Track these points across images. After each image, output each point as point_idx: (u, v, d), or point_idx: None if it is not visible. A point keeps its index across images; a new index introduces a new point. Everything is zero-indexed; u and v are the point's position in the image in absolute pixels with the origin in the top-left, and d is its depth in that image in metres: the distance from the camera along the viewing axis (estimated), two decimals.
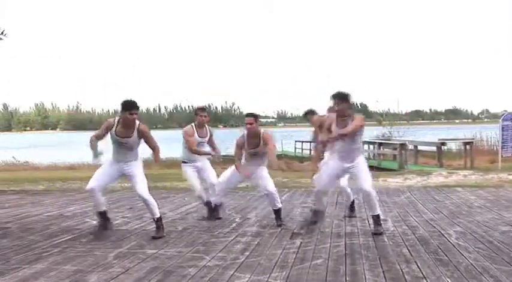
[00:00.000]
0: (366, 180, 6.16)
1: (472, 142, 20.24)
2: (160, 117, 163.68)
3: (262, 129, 6.78)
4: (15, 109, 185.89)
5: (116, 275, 4.62)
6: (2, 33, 13.17)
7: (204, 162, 7.45)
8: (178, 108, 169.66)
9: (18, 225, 7.32)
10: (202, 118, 7.35)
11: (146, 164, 6.72)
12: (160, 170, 16.31)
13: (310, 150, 32.80)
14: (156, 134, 6.54)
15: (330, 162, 6.46)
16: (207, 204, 7.40)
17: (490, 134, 23.64)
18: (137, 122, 6.14)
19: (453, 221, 6.96)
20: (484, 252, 5.20)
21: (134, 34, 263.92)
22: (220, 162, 7.79)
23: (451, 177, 13.36)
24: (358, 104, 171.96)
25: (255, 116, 6.72)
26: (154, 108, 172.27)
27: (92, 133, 6.40)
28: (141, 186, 6.25)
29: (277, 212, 6.93)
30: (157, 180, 12.95)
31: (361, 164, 6.22)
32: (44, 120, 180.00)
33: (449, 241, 5.75)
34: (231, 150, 7.26)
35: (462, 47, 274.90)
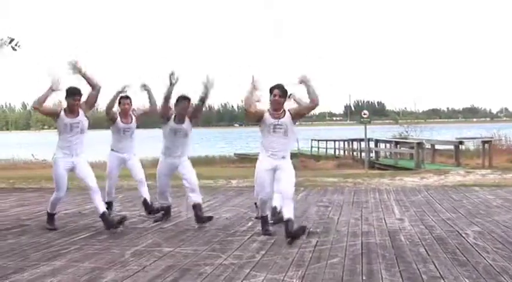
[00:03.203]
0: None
1: (491, 141, 20.03)
2: None
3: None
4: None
5: (133, 272, 4.65)
6: (16, 44, 13.44)
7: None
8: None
9: (36, 223, 7.40)
10: (125, 106, 7.45)
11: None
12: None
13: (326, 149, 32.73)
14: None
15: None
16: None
17: (508, 132, 23.39)
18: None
19: (471, 221, 6.89)
20: (503, 252, 5.14)
21: (161, 34, 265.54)
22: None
23: (468, 177, 13.22)
24: (376, 103, 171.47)
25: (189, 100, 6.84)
26: None
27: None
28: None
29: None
30: (173, 179, 12.99)
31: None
32: None
33: (467, 241, 5.69)
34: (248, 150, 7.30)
35: (481, 44, 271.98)
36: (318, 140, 35.44)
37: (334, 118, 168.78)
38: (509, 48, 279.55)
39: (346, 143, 32.24)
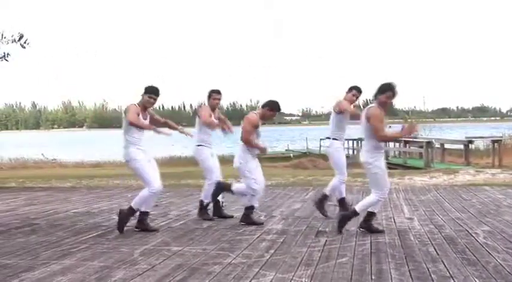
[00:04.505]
0: None
1: (501, 140, 19.91)
2: (185, 114, 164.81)
3: None
4: (43, 107, 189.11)
5: (142, 271, 4.67)
6: (25, 42, 13.52)
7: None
8: (203, 105, 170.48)
9: (46, 222, 7.45)
10: (216, 101, 7.38)
11: (171, 161, 6.81)
12: (184, 167, 16.43)
13: None
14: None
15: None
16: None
17: None
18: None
19: (481, 220, 6.85)
20: None
21: (161, 34, 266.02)
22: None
23: (478, 176, 13.14)
24: None
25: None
26: (179, 106, 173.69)
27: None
28: None
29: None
30: (182, 177, 13.04)
31: None
32: (71, 118, 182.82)
33: (477, 240, 5.66)
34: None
35: (491, 43, 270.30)
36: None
37: None
38: (490, 48, 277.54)
39: (355, 142, 32.16)
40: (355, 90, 7.33)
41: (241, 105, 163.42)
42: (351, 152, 31.97)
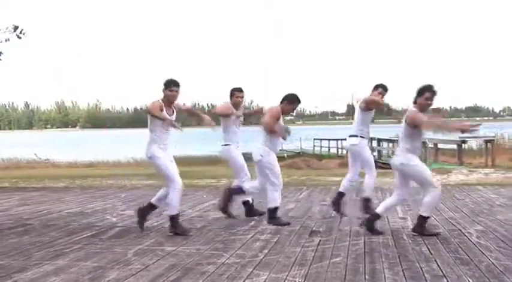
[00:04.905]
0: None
1: (493, 140, 19.99)
2: (178, 114, 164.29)
3: None
4: (36, 107, 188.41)
5: (136, 271, 4.66)
6: (21, 32, 13.38)
7: None
8: (197, 106, 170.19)
9: (39, 222, 7.42)
10: (239, 99, 7.31)
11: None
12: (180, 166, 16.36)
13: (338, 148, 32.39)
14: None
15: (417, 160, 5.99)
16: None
17: (511, 131, 23.32)
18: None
19: (474, 220, 6.88)
20: (506, 251, 5.13)
21: (161, 34, 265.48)
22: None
23: (471, 176, 13.20)
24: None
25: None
26: None
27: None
28: None
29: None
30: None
31: None
32: (64, 118, 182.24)
33: (469, 240, 5.68)
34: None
35: (484, 43, 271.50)
36: (321, 139, 35.41)
37: (337, 117, 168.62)
38: (487, 48, 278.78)
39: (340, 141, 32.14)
40: (381, 88, 7.18)
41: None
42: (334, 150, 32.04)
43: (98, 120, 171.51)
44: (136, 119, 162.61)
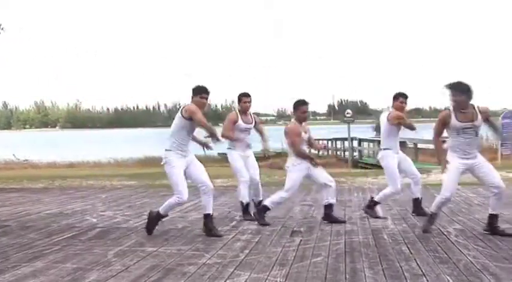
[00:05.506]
0: (496, 174, 5.94)
1: None
2: (160, 115, 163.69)
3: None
4: (15, 107, 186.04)
5: (116, 272, 4.62)
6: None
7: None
8: (178, 106, 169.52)
9: (18, 223, 7.32)
10: (246, 104, 7.28)
11: (146, 161, 6.72)
12: (160, 168, 16.29)
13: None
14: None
15: (452, 162, 5.97)
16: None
17: (489, 131, 23.63)
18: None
19: (452, 219, 6.97)
20: (484, 249, 5.20)
21: (161, 34, 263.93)
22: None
23: None
24: (358, 102, 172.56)
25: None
26: (153, 107, 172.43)
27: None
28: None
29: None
30: (157, 178, 12.97)
31: (483, 158, 6.06)
32: (43, 118, 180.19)
33: (448, 239, 5.75)
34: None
35: (462, 44, 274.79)
36: None
37: (318, 117, 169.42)
38: (491, 48, 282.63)
39: (329, 142, 32.32)
40: (402, 98, 7.21)
41: (216, 105, 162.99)
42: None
43: (78, 120, 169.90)
44: (116, 120, 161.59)
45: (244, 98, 7.30)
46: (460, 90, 5.78)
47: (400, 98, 7.24)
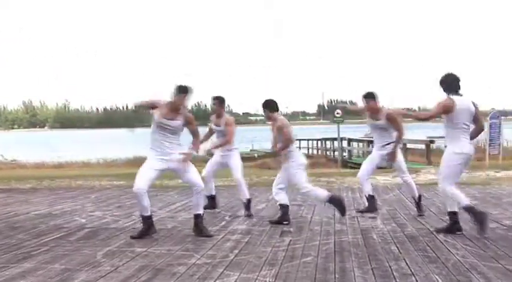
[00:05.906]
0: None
1: None
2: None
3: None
4: (3, 107, 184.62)
5: (105, 273, 4.60)
6: None
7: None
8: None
9: (6, 224, 7.27)
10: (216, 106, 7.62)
11: (135, 161, 6.70)
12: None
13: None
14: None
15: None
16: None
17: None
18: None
19: (441, 219, 7.01)
20: (472, 249, 5.24)
21: (161, 34, 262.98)
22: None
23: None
24: (348, 102, 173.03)
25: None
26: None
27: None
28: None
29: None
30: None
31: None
32: (32, 118, 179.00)
33: (437, 238, 5.78)
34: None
35: (483, 43, 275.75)
36: (300, 140, 35.55)
37: (308, 117, 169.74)
38: (482, 48, 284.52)
39: (319, 142, 32.40)
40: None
41: (205, 105, 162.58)
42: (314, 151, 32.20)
43: (67, 120, 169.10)
44: (105, 119, 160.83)
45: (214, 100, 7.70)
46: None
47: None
